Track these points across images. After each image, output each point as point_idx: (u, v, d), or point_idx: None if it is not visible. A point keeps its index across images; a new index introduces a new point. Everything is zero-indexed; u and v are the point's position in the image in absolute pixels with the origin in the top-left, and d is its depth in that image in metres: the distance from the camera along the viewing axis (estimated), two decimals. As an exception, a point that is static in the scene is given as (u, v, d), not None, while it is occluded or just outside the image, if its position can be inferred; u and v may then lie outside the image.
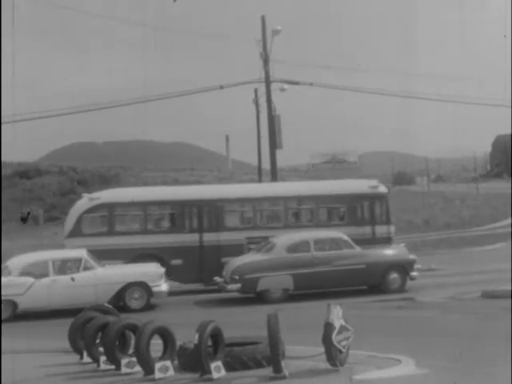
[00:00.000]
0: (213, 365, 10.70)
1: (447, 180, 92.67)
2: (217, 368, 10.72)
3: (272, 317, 10.76)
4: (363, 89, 41.63)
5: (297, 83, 38.74)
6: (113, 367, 11.79)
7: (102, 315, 12.89)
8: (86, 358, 12.47)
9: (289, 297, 21.14)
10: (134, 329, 11.79)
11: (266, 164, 39.97)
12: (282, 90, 40.65)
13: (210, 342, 10.88)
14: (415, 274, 22.11)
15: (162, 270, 21.36)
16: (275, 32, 36.36)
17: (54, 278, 20.12)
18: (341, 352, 10.93)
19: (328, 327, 10.85)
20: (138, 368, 11.31)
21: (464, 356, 11.89)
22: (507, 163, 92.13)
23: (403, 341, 13.64)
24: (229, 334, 11.46)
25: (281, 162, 40.77)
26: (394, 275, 21.87)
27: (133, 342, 11.65)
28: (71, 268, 20.53)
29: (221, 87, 37.56)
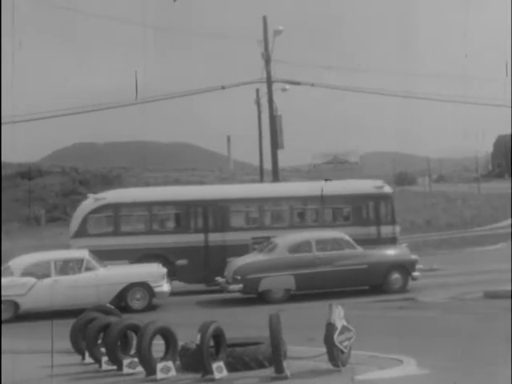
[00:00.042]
0: (215, 365, 10.71)
1: (449, 180, 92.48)
2: (219, 368, 10.73)
3: (274, 317, 10.77)
4: (364, 89, 41.62)
5: (298, 83, 38.77)
6: (115, 368, 11.80)
7: (103, 316, 12.89)
8: (88, 359, 12.48)
9: (290, 297, 21.13)
10: (135, 329, 11.80)
11: (268, 164, 40.01)
12: (284, 90, 40.64)
13: (211, 343, 10.88)
14: (417, 274, 22.10)
15: (164, 270, 21.35)
16: (277, 32, 36.39)
17: (56, 278, 20.12)
18: (342, 352, 10.93)
19: (330, 327, 10.85)
20: (139, 368, 11.32)
21: (465, 356, 11.90)
22: (508, 163, 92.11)
23: (405, 341, 13.63)
24: (231, 335, 11.47)
25: (282, 163, 40.86)
26: (395, 275, 21.87)
27: (135, 343, 11.66)
28: (73, 268, 20.54)
29: (222, 87, 37.60)
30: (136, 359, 11.41)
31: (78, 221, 24.53)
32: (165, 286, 20.97)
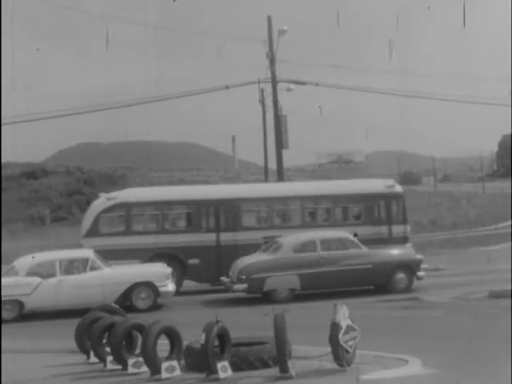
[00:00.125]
0: (219, 365, 10.70)
1: (454, 180, 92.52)
2: (223, 368, 10.72)
3: (278, 317, 10.76)
4: (369, 88, 41.59)
5: (303, 83, 38.77)
6: (119, 367, 11.80)
7: (108, 315, 12.90)
8: (93, 358, 12.48)
9: (295, 297, 21.13)
10: (140, 329, 11.80)
11: (272, 164, 39.99)
12: (289, 89, 40.66)
13: (216, 342, 10.88)
14: (422, 273, 22.08)
15: (169, 269, 21.35)
16: (281, 32, 36.39)
17: (61, 278, 20.12)
18: (347, 352, 10.92)
19: (334, 327, 10.84)
20: (144, 368, 11.32)
21: (470, 356, 11.89)
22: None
23: (410, 341, 13.61)
24: (235, 334, 11.46)
25: (287, 162, 40.81)
26: (400, 275, 21.85)
27: (139, 342, 11.66)
28: (78, 268, 20.54)
29: (227, 87, 37.63)
30: (141, 359, 11.41)
31: (89, 220, 24.56)
32: (169, 286, 20.96)
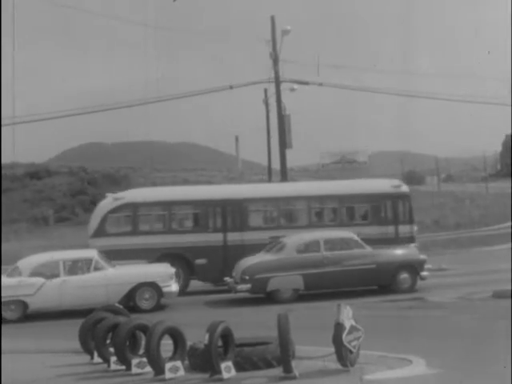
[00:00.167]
0: (223, 365, 10.71)
1: (457, 180, 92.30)
2: (227, 368, 10.73)
3: (282, 317, 10.76)
4: (373, 89, 41.54)
5: (306, 83, 38.78)
6: (123, 367, 11.81)
7: (112, 316, 12.90)
8: (97, 359, 12.49)
9: (299, 297, 21.12)
10: (144, 329, 11.81)
11: (276, 164, 40.09)
12: (292, 89, 40.70)
13: (220, 343, 10.89)
14: (425, 273, 22.07)
15: (173, 270, 21.34)
16: (285, 32, 36.39)
17: (65, 278, 20.14)
18: (351, 352, 10.92)
19: (338, 327, 10.84)
20: (148, 368, 11.33)
21: (474, 356, 11.87)
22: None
23: (414, 341, 13.61)
24: (239, 335, 11.46)
25: (290, 162, 40.89)
26: (404, 275, 21.84)
27: (143, 343, 11.68)
28: (82, 268, 20.55)
29: (230, 87, 37.63)
30: (144, 359, 11.42)
31: (96, 220, 24.59)
32: (173, 286, 20.96)
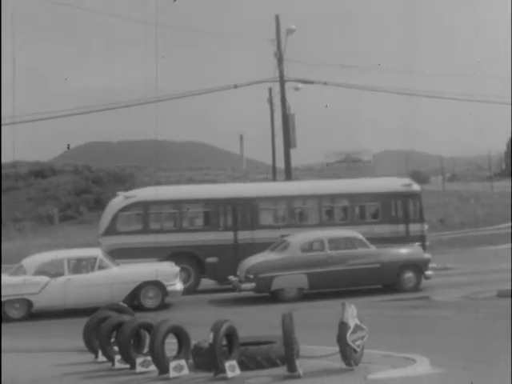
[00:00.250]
0: (227, 364, 10.70)
1: (462, 179, 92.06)
2: (231, 367, 10.72)
3: (286, 316, 10.75)
4: (377, 88, 41.41)
5: (311, 82, 38.74)
6: (127, 366, 11.80)
7: (116, 314, 12.91)
8: (101, 357, 12.49)
9: (303, 296, 21.13)
10: (148, 328, 11.80)
11: (280, 163, 40.00)
12: (297, 89, 40.66)
13: (224, 341, 10.88)
14: (430, 273, 22.07)
15: (177, 269, 21.37)
16: (289, 31, 36.40)
17: (69, 277, 20.17)
18: (355, 351, 10.91)
19: (342, 326, 10.82)
20: (152, 367, 11.32)
21: (478, 355, 11.85)
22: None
23: (418, 340, 13.60)
24: (243, 334, 11.46)
25: (295, 161, 40.82)
26: (408, 274, 21.84)
27: (147, 341, 11.66)
28: (86, 267, 20.57)
29: (235, 86, 37.60)
30: (149, 358, 11.41)
31: (107, 219, 24.68)
32: (177, 285, 20.98)
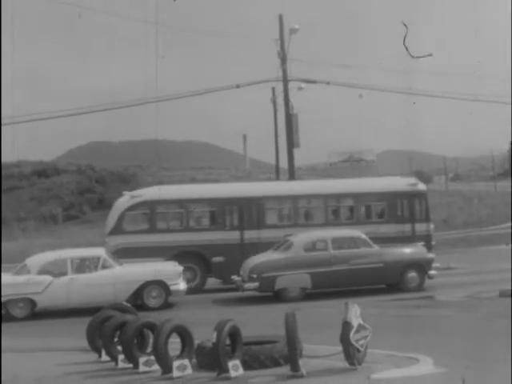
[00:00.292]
0: (230, 363, 10.71)
1: (465, 179, 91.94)
2: (234, 366, 10.73)
3: (290, 315, 10.76)
4: (380, 87, 41.38)
5: (314, 82, 38.71)
6: (131, 366, 11.81)
7: (120, 314, 12.92)
8: (104, 357, 12.50)
9: (306, 295, 21.13)
10: (152, 327, 11.81)
11: (283, 163, 40.06)
12: (300, 88, 40.69)
13: (227, 341, 10.89)
14: (433, 272, 22.06)
15: (180, 268, 21.38)
16: (293, 31, 36.35)
17: (73, 276, 20.18)
18: (359, 351, 10.91)
19: (346, 326, 10.82)
20: (155, 366, 11.33)
21: (481, 355, 11.84)
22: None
23: (421, 339, 13.59)
24: (246, 333, 11.47)
25: (298, 161, 40.78)
26: (412, 274, 21.83)
27: (151, 341, 11.67)
28: (90, 267, 20.59)
29: (237, 86, 37.58)
30: (152, 357, 11.42)
31: (114, 218, 24.71)
32: (181, 285, 20.99)
